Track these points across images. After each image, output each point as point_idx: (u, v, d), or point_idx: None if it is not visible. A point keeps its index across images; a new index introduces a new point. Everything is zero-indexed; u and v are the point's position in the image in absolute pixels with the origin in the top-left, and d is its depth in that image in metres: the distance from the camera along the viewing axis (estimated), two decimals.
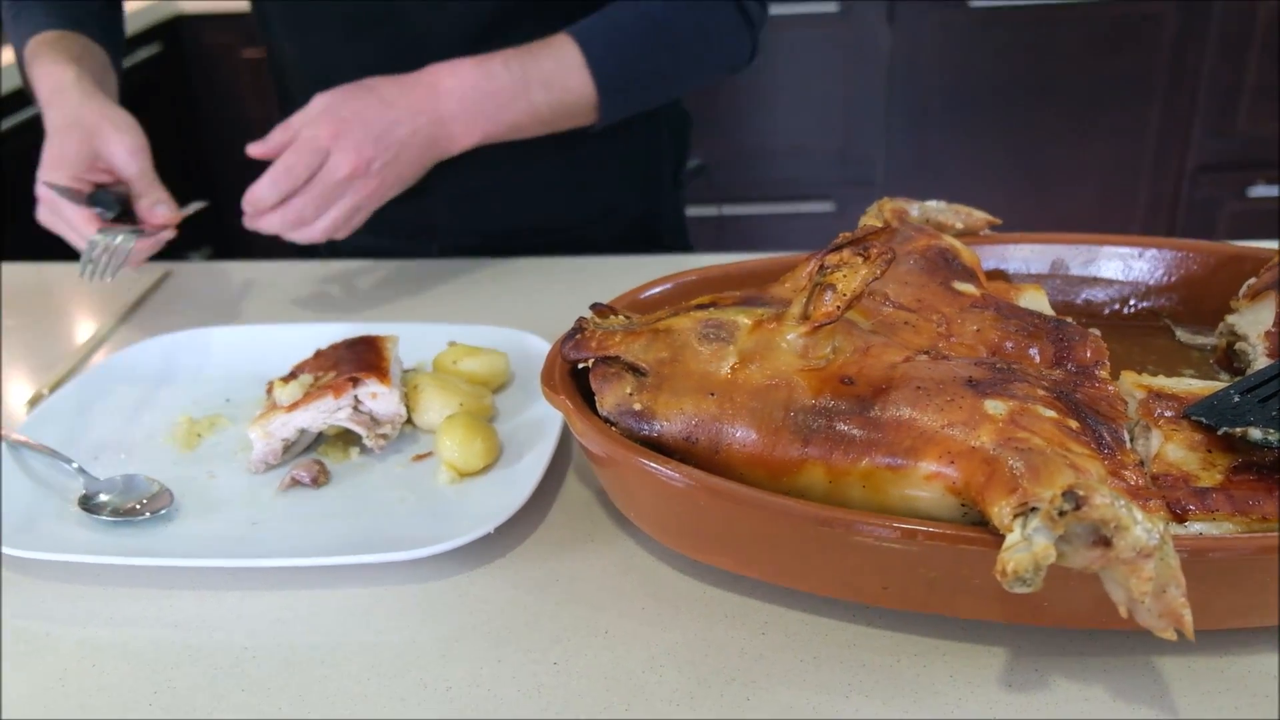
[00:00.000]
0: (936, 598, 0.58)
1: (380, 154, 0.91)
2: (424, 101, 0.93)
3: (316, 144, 0.90)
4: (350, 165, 0.90)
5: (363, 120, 0.89)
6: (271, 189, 0.89)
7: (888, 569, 0.57)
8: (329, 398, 0.77)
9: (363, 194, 0.92)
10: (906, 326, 0.71)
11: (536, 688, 0.59)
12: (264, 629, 0.64)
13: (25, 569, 0.70)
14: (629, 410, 0.65)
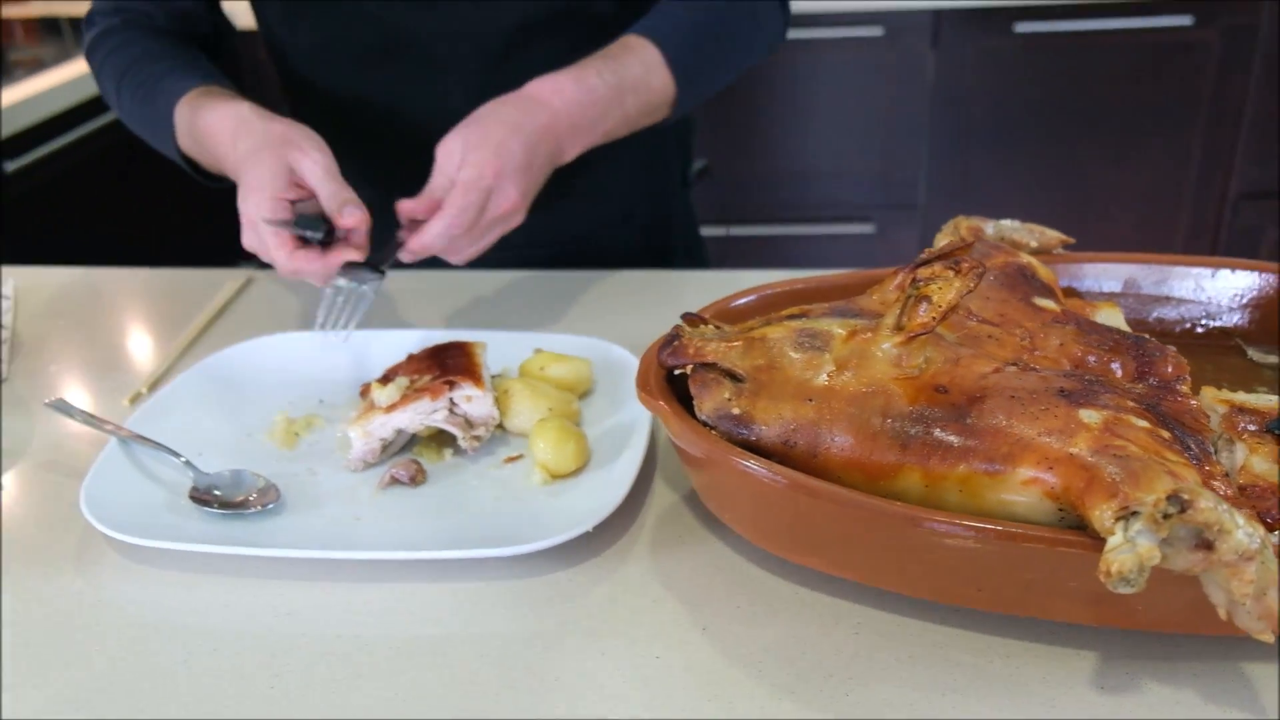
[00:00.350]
0: (1031, 600, 0.60)
1: (530, 183, 0.93)
2: (546, 123, 0.94)
3: (482, 184, 0.90)
4: (511, 201, 0.91)
5: (510, 153, 0.90)
6: (443, 236, 0.90)
7: (985, 571, 0.59)
8: (426, 400, 0.79)
9: (513, 223, 0.94)
10: (990, 340, 0.73)
11: (642, 680, 0.62)
12: (374, 619, 0.67)
13: (140, 557, 0.72)
14: (727, 414, 0.67)
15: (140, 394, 0.93)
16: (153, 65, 1.08)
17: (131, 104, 1.08)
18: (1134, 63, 2.41)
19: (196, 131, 1.00)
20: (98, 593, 0.70)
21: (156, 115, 1.05)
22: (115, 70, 1.10)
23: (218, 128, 0.97)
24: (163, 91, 1.05)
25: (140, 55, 1.09)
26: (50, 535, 0.75)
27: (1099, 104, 2.46)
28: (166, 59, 1.09)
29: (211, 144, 0.99)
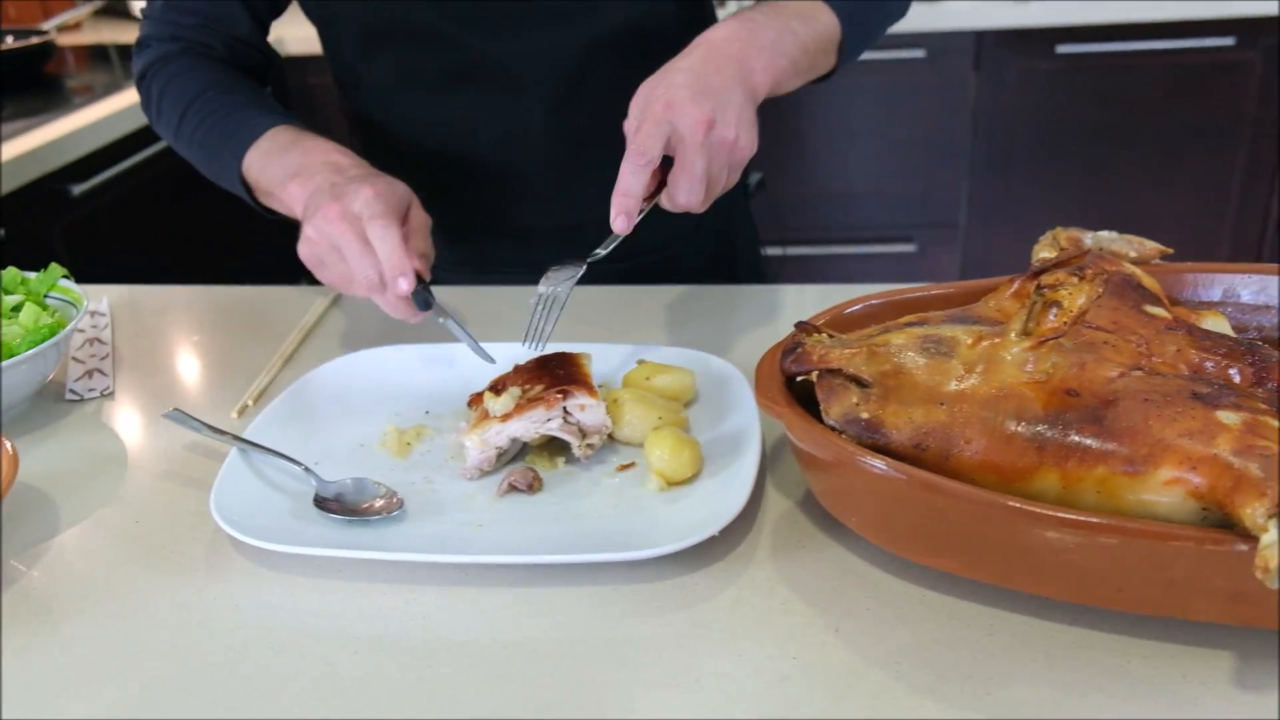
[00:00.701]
0: (1172, 599, 0.60)
1: (711, 106, 0.85)
2: (707, 53, 0.90)
3: (657, 119, 0.85)
4: (696, 121, 0.84)
5: (675, 85, 0.86)
6: (631, 174, 0.85)
7: (1129, 571, 0.60)
8: (540, 409, 0.81)
9: (724, 147, 0.87)
10: (1106, 346, 0.74)
11: (780, 680, 0.62)
12: (507, 623, 0.68)
13: (269, 563, 0.74)
14: (856, 419, 0.68)
15: (247, 406, 0.95)
16: (225, 96, 1.09)
17: (196, 132, 1.09)
18: (1176, 83, 2.43)
19: (271, 183, 1.01)
20: (233, 598, 0.71)
21: (224, 147, 1.05)
22: (180, 96, 1.10)
23: (312, 155, 0.98)
24: (243, 124, 1.05)
25: (209, 84, 1.10)
26: (178, 542, 0.77)
27: (1140, 125, 2.47)
28: (238, 92, 1.10)
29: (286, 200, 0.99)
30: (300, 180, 0.95)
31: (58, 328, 0.92)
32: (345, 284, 0.90)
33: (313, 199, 0.91)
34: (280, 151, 1.00)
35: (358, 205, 0.87)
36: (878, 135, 2.56)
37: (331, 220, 0.87)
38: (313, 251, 0.90)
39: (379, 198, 0.88)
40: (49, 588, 0.73)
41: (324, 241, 0.88)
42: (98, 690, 0.63)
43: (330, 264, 0.90)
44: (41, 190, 1.84)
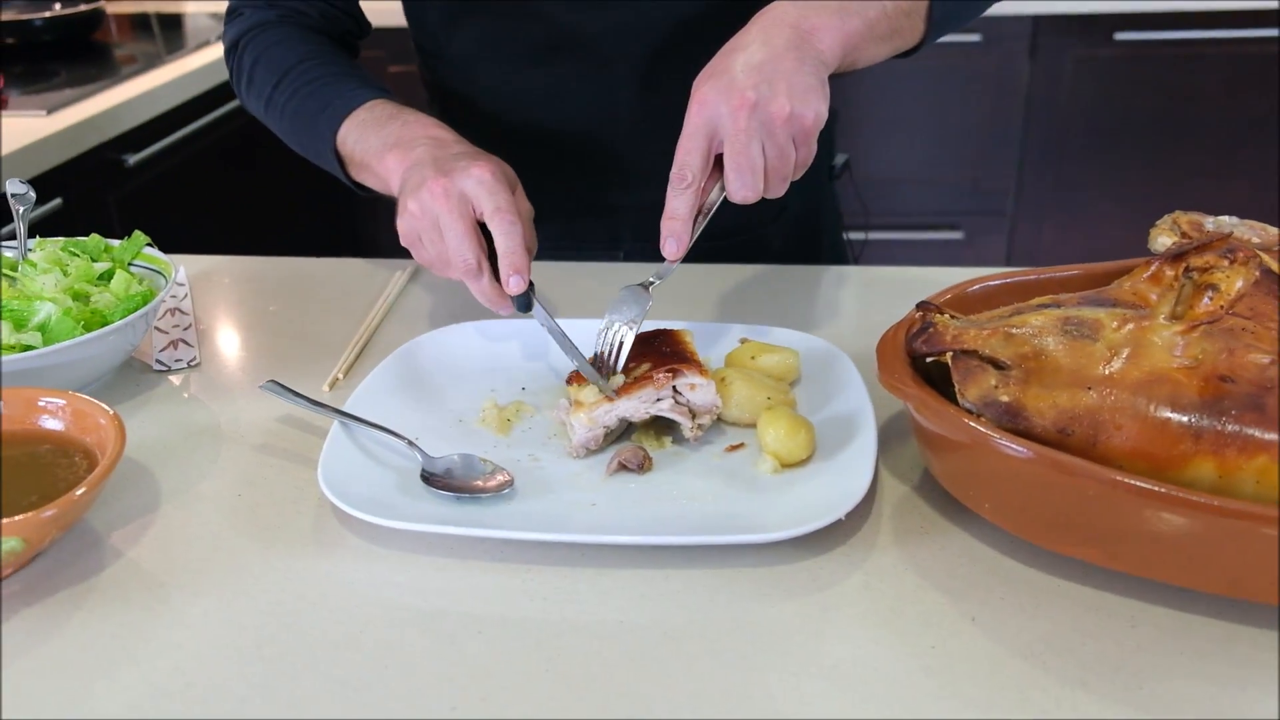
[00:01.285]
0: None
1: (752, 83, 0.79)
2: (763, 23, 0.84)
3: (693, 119, 0.81)
4: (735, 107, 0.79)
5: (714, 74, 0.81)
6: (673, 198, 0.82)
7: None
8: (650, 388, 0.79)
9: (776, 123, 0.80)
10: (1245, 333, 0.71)
11: (923, 669, 0.61)
12: (632, 604, 0.66)
13: (379, 539, 0.72)
14: (995, 402, 0.66)
15: (338, 379, 0.93)
16: (323, 67, 1.07)
17: (291, 102, 1.06)
18: (1234, 73, 2.39)
19: (367, 153, 0.98)
20: (346, 574, 0.69)
21: (319, 117, 1.03)
22: (276, 65, 1.08)
23: (412, 129, 0.96)
24: (340, 94, 1.03)
25: (306, 55, 1.08)
26: (283, 517, 0.75)
27: (1197, 114, 2.44)
28: (336, 64, 1.08)
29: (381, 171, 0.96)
30: (399, 152, 0.93)
31: (149, 296, 0.91)
32: (440, 264, 0.88)
33: (413, 172, 0.88)
34: (378, 124, 0.98)
35: (469, 185, 0.85)
36: (929, 121, 2.53)
37: (436, 196, 0.85)
38: (412, 227, 0.87)
39: (495, 180, 0.85)
40: (157, 562, 0.71)
41: (426, 218, 0.86)
42: (221, 665, 0.62)
43: (429, 242, 0.87)
44: (97, 160, 1.83)
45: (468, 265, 0.85)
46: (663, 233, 0.82)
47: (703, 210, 0.84)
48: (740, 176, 0.81)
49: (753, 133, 0.79)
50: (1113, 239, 2.55)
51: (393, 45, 2.56)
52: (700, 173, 0.81)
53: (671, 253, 0.82)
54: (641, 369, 0.81)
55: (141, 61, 2.21)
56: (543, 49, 1.11)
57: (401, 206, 0.88)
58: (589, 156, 1.16)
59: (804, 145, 0.83)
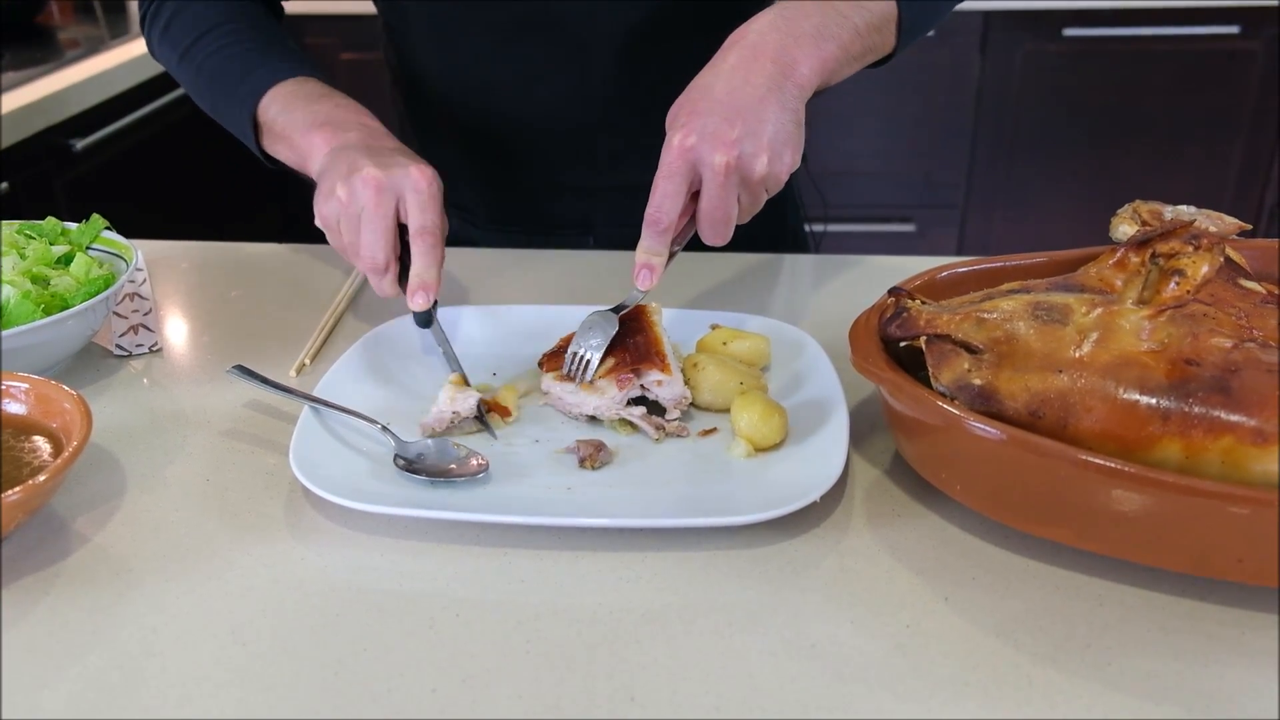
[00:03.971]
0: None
1: (735, 136, 0.79)
2: (743, 53, 0.83)
3: (674, 162, 0.80)
4: (718, 164, 0.79)
5: (696, 110, 0.81)
6: (650, 239, 0.82)
7: (1253, 542, 0.59)
8: (614, 390, 0.79)
9: (754, 180, 0.81)
10: (1207, 319, 0.73)
11: (898, 648, 0.61)
12: (610, 586, 0.66)
13: (353, 523, 0.71)
14: (968, 385, 0.67)
15: (304, 365, 0.92)
16: (253, 32, 1.05)
17: (210, 59, 1.04)
18: (1180, 70, 2.44)
19: (290, 125, 0.97)
20: (321, 559, 0.69)
21: (242, 81, 1.01)
22: (200, 20, 1.06)
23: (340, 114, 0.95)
24: (268, 62, 1.01)
25: (235, 15, 1.06)
26: (254, 501, 0.74)
27: (1143, 110, 2.49)
28: (269, 32, 1.06)
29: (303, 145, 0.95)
30: (329, 131, 0.92)
31: (110, 280, 0.89)
32: (350, 253, 0.88)
33: (342, 155, 0.88)
34: (308, 99, 0.97)
35: (404, 189, 0.85)
36: (882, 115, 2.56)
37: (368, 187, 0.84)
38: (334, 211, 0.87)
39: (430, 192, 0.86)
40: (125, 547, 0.70)
41: (351, 207, 0.85)
42: (196, 649, 0.61)
43: (346, 230, 0.87)
44: (44, 144, 1.79)
45: (374, 263, 0.85)
46: (637, 264, 0.82)
47: (675, 243, 0.84)
48: (715, 229, 0.82)
49: (731, 189, 0.80)
50: (1062, 231, 2.60)
51: (347, 33, 2.54)
52: (677, 216, 0.81)
53: (644, 283, 0.82)
54: (606, 365, 0.81)
55: (85, 45, 2.17)
56: (518, 28, 1.10)
57: (328, 189, 0.87)
58: (561, 138, 1.15)
59: (773, 191, 0.84)
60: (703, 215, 0.81)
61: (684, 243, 0.85)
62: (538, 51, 1.10)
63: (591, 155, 1.15)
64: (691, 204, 0.83)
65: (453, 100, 1.16)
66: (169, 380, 0.91)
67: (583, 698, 0.58)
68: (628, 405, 0.80)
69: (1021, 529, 0.68)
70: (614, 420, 0.81)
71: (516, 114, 1.14)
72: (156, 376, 0.91)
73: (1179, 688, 0.58)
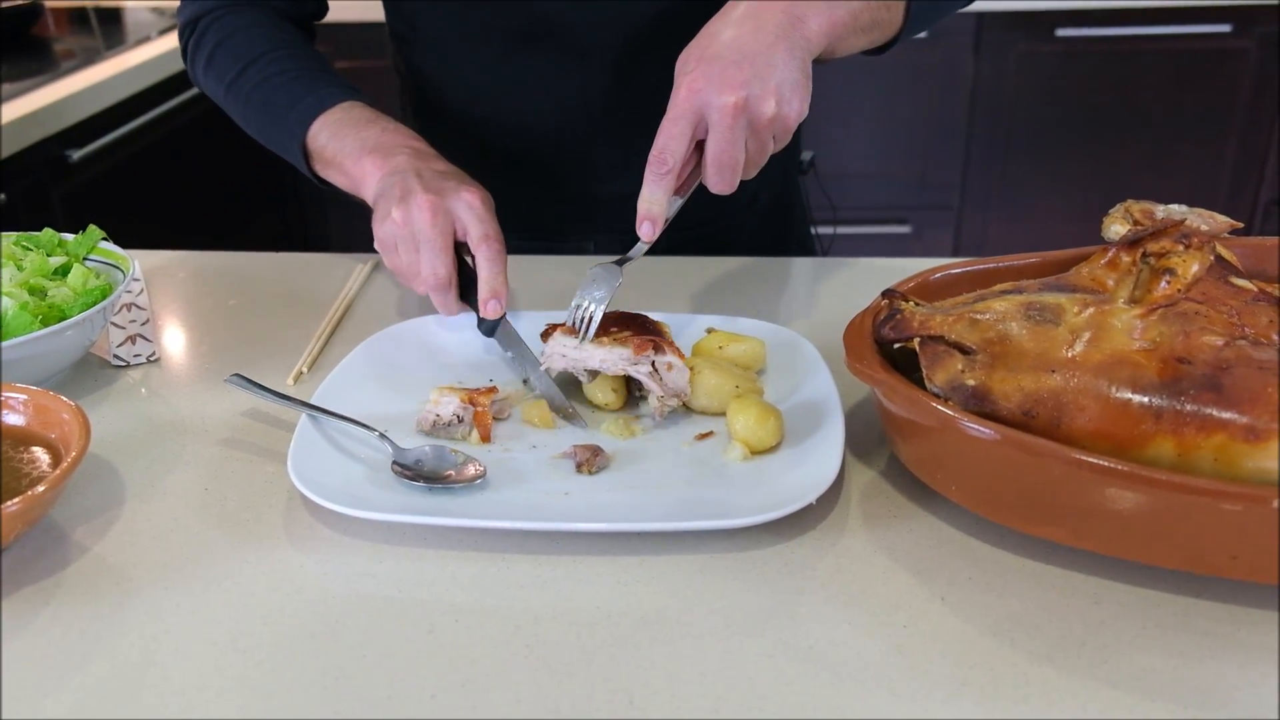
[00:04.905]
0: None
1: (743, 78, 0.79)
2: (752, 6, 0.83)
3: (681, 103, 0.80)
4: (725, 104, 0.79)
5: (705, 55, 0.80)
6: (652, 184, 0.82)
7: (1246, 538, 0.60)
8: (629, 350, 0.80)
9: (762, 123, 0.81)
10: (1199, 317, 0.73)
11: (895, 648, 0.62)
12: (608, 590, 0.67)
13: (351, 530, 0.72)
14: (961, 386, 0.68)
15: (302, 373, 0.92)
16: (296, 61, 1.07)
17: (259, 89, 1.06)
18: (1173, 70, 2.45)
19: (340, 153, 0.99)
20: (321, 566, 0.69)
21: (291, 109, 1.04)
22: (244, 49, 1.08)
23: (390, 137, 0.98)
24: (314, 90, 1.04)
25: (278, 44, 1.08)
26: (253, 510, 0.75)
27: (1137, 110, 2.49)
28: (312, 60, 1.08)
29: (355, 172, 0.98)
30: (377, 157, 0.94)
31: (107, 290, 0.89)
32: (409, 275, 0.90)
33: (394, 179, 0.90)
34: (356, 125, 0.99)
35: (459, 208, 0.88)
36: (876, 117, 2.56)
37: (424, 210, 0.87)
38: (391, 234, 0.89)
39: (485, 208, 0.89)
40: (125, 556, 0.70)
41: (407, 229, 0.88)
42: (196, 658, 0.61)
43: (404, 252, 0.90)
44: (40, 155, 1.80)
45: (438, 279, 0.88)
46: (639, 213, 0.83)
47: (679, 192, 0.85)
48: (721, 174, 0.82)
49: (739, 131, 0.80)
50: (1057, 231, 2.61)
51: (341, 41, 2.55)
52: (681, 159, 0.81)
53: (647, 234, 0.83)
54: (623, 334, 0.82)
55: (81, 56, 2.17)
56: (520, 37, 1.11)
57: (384, 212, 0.89)
58: (564, 145, 1.16)
59: (783, 140, 0.85)
60: (710, 159, 0.82)
61: (688, 194, 0.85)
62: (540, 60, 1.11)
63: (592, 163, 1.16)
64: (696, 155, 0.83)
65: (457, 108, 1.17)
66: (167, 390, 0.91)
67: (582, 701, 0.58)
68: (633, 366, 0.81)
69: (1017, 528, 0.68)
70: (612, 423, 0.82)
71: (519, 122, 1.15)
72: (154, 386, 0.92)
73: (1174, 684, 0.59)
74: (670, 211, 0.84)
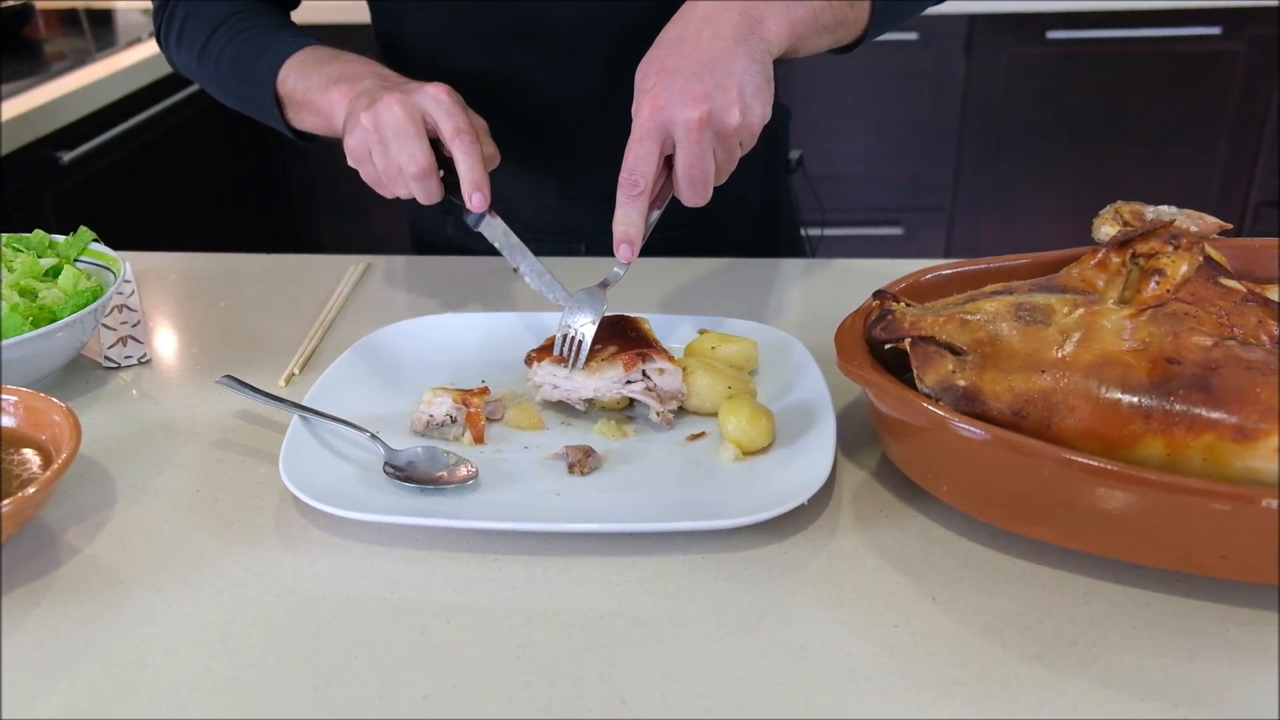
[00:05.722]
0: (1277, 566, 0.61)
1: (704, 90, 0.79)
2: (711, 6, 0.84)
3: (645, 123, 0.80)
4: (689, 119, 0.79)
5: (665, 68, 0.81)
6: (626, 206, 0.82)
7: (1235, 538, 0.60)
8: (618, 369, 0.80)
9: (728, 133, 0.81)
10: (1188, 317, 0.74)
11: (887, 648, 0.62)
12: (600, 591, 0.67)
13: (342, 531, 0.72)
14: (952, 386, 0.68)
15: (294, 374, 0.92)
16: (257, 18, 1.08)
17: (225, 50, 1.07)
18: (1162, 71, 2.46)
19: (309, 90, 1.00)
20: (312, 567, 0.69)
21: (257, 62, 1.04)
22: (209, 17, 1.09)
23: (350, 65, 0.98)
24: (277, 40, 1.04)
25: (239, 8, 1.09)
26: (244, 511, 0.74)
27: (1128, 112, 2.50)
28: (271, 16, 1.09)
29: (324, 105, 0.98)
30: (345, 85, 0.94)
31: (98, 292, 0.89)
32: (389, 177, 0.89)
33: (361, 96, 0.90)
34: (320, 63, 1.00)
35: (425, 102, 0.87)
36: (869, 119, 2.57)
37: (391, 107, 0.86)
38: (362, 140, 0.88)
39: (452, 100, 0.88)
40: (116, 558, 0.70)
41: (378, 131, 0.87)
42: (188, 659, 0.61)
43: (378, 156, 0.88)
44: (31, 157, 1.79)
45: (419, 167, 0.86)
46: (616, 236, 0.83)
47: (654, 206, 0.85)
48: (693, 187, 0.82)
49: (705, 144, 0.80)
50: (1049, 232, 2.61)
51: (331, 43, 2.55)
52: (652, 178, 0.82)
53: (625, 255, 0.83)
54: (608, 351, 0.82)
55: (72, 58, 2.17)
56: (507, 36, 1.11)
57: (352, 123, 0.89)
58: (552, 145, 1.16)
59: (749, 144, 0.85)
60: (680, 175, 0.82)
61: (663, 205, 0.85)
62: (527, 59, 1.11)
63: (581, 161, 1.16)
64: (665, 170, 0.83)
65: None
66: (158, 391, 0.91)
67: (574, 702, 0.58)
68: (627, 386, 0.81)
69: (1007, 528, 0.68)
70: (604, 424, 0.82)
71: (508, 122, 1.15)
72: (145, 388, 0.91)
73: (1165, 683, 0.59)
74: (648, 226, 0.84)
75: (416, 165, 0.86)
